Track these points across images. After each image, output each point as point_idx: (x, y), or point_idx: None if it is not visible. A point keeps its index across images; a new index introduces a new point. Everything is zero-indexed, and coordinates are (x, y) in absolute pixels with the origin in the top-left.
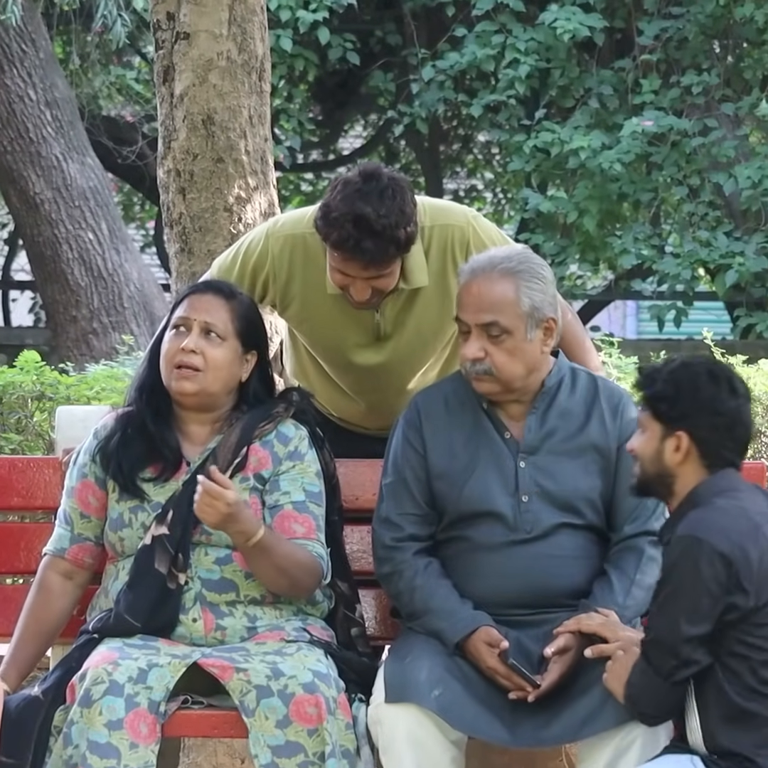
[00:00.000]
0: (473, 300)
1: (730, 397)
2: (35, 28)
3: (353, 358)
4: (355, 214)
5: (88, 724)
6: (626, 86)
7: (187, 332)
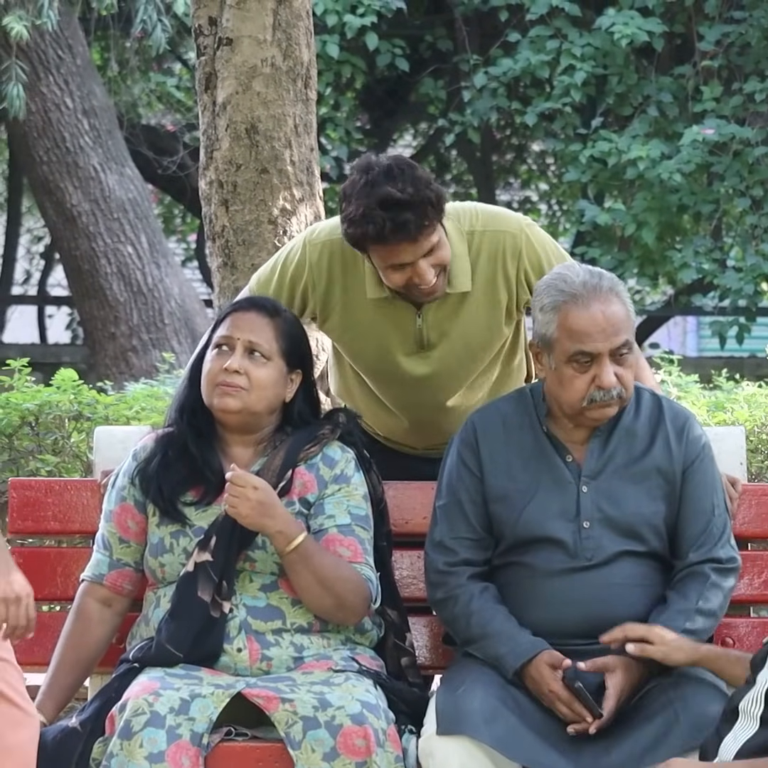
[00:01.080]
0: (602, 326)
1: None
2: (72, 34)
3: (397, 368)
4: (377, 199)
5: (129, 757)
6: (686, 93)
7: (230, 351)
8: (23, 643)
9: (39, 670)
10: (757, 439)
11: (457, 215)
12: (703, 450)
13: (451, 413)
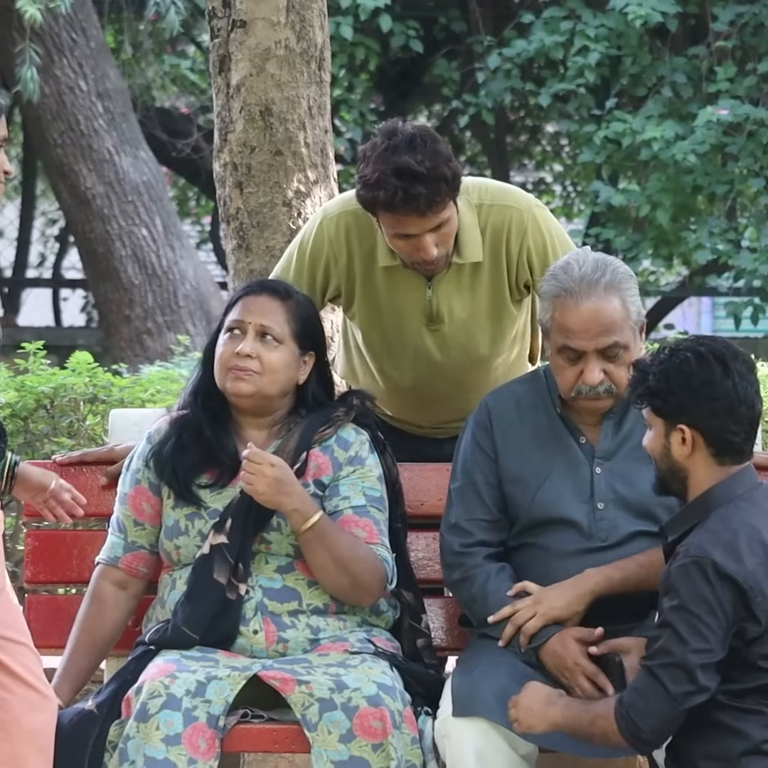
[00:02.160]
0: (586, 325)
1: (724, 377)
2: (86, 17)
3: (409, 340)
4: (394, 167)
5: (145, 739)
6: (700, 74)
7: (242, 335)
8: (39, 627)
9: (55, 653)
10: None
11: (466, 188)
12: None
13: (461, 390)
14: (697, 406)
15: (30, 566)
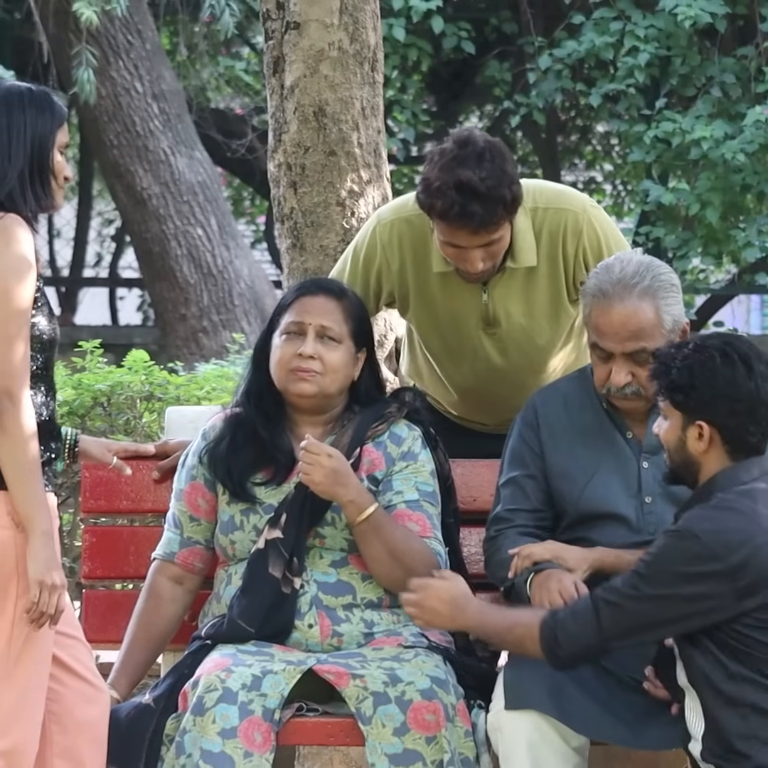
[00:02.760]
0: (615, 329)
1: (747, 379)
2: (141, 19)
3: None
4: (456, 180)
5: (201, 733)
6: (749, 74)
7: (301, 336)
8: (97, 622)
9: (112, 648)
10: None
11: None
12: None
13: (522, 390)
14: (718, 404)
15: (87, 562)
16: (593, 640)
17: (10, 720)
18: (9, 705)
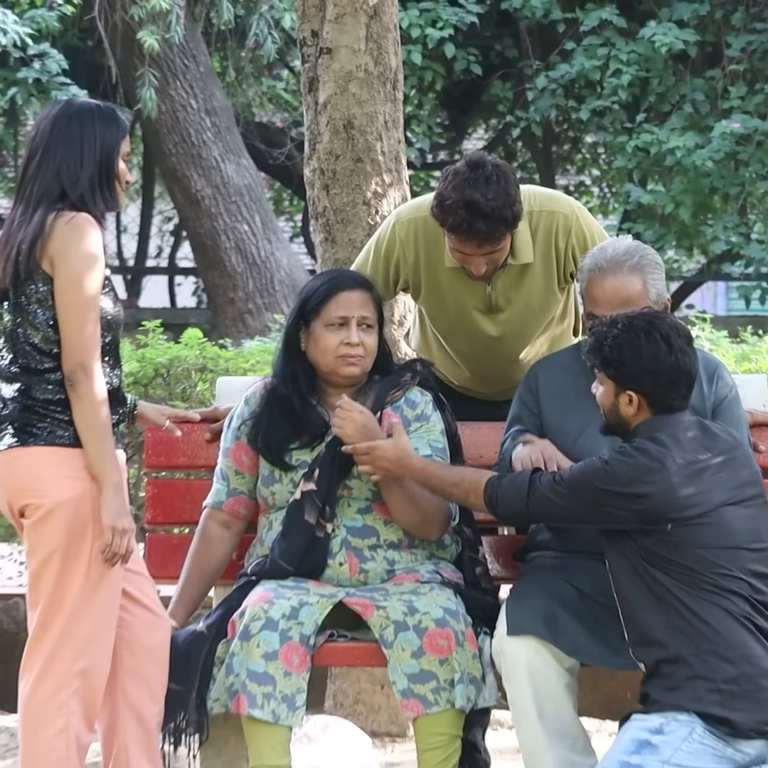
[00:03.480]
0: (608, 297)
1: (668, 354)
2: (196, 45)
3: (471, 327)
4: (466, 200)
5: (248, 656)
6: (716, 93)
7: (344, 327)
8: (158, 561)
9: (171, 583)
10: None
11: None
12: (730, 392)
13: (515, 365)
14: (644, 378)
15: (150, 510)
16: (523, 512)
17: (87, 644)
18: (86, 631)
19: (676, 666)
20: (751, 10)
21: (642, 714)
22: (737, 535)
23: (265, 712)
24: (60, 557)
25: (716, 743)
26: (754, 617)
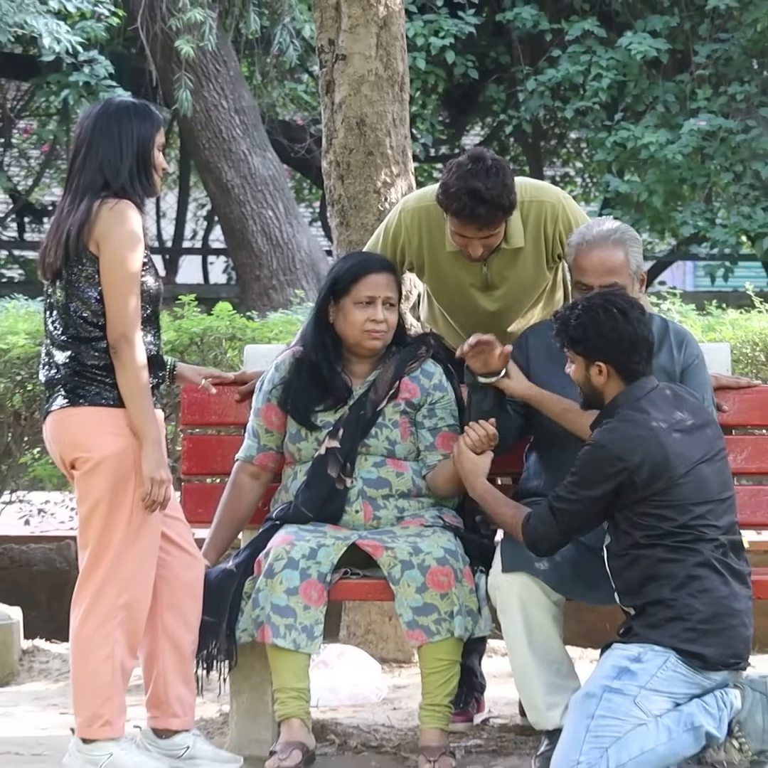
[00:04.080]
0: (595, 267)
1: (626, 324)
2: (226, 52)
3: (469, 303)
4: (469, 188)
5: (272, 591)
6: (685, 95)
7: (371, 305)
8: (193, 507)
9: (204, 527)
10: (738, 352)
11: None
12: (697, 357)
13: (509, 335)
14: (607, 348)
15: (186, 462)
16: (559, 536)
17: (130, 582)
18: (129, 571)
19: (658, 608)
20: (716, 21)
21: (622, 644)
22: (710, 489)
23: (287, 641)
24: (106, 505)
25: (687, 671)
26: (725, 561)
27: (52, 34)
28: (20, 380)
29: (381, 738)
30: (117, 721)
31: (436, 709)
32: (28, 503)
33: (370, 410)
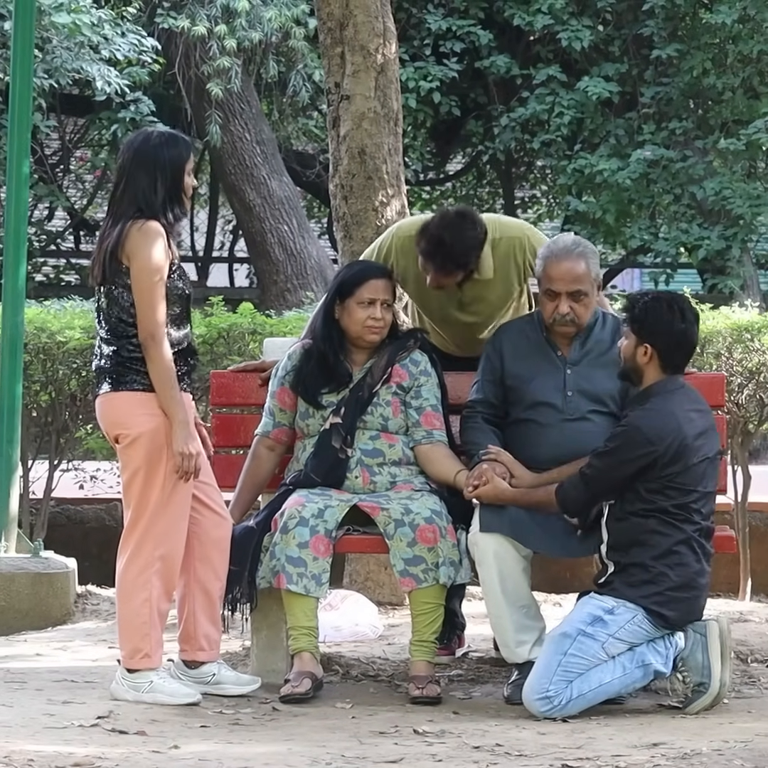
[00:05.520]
0: (563, 276)
1: (681, 322)
2: (249, 93)
3: (448, 317)
4: (438, 237)
5: (286, 545)
6: (633, 129)
7: (372, 305)
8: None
9: (230, 490)
10: None
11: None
12: None
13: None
14: (660, 336)
15: (215, 436)
16: (588, 499)
17: (165, 536)
18: (163, 527)
19: (638, 570)
20: (659, 68)
21: (599, 594)
22: (705, 481)
23: (299, 586)
24: (143, 473)
25: (650, 628)
26: (701, 542)
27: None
28: (76, 368)
29: (378, 668)
30: (155, 654)
31: (424, 645)
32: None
33: (367, 392)
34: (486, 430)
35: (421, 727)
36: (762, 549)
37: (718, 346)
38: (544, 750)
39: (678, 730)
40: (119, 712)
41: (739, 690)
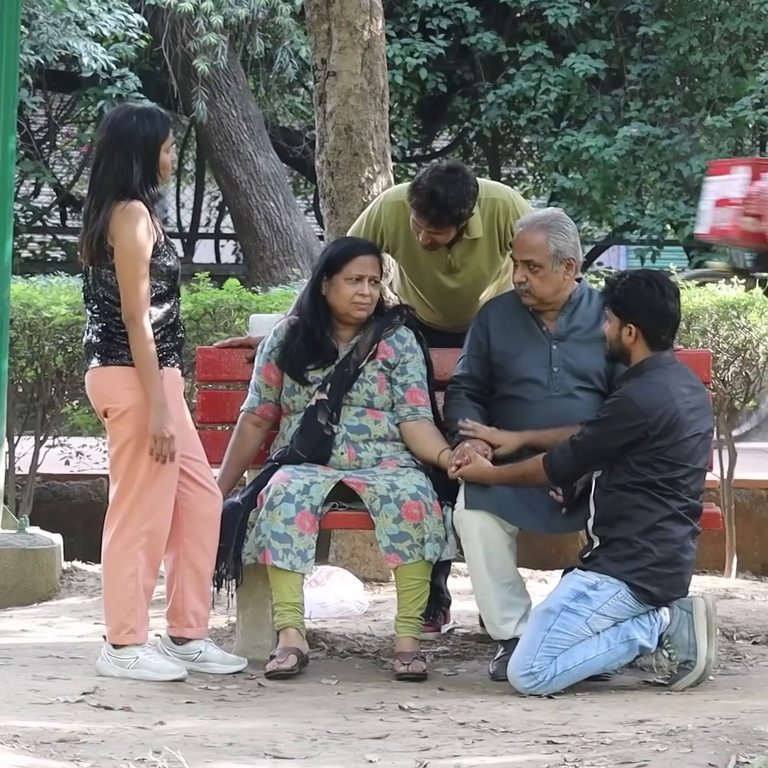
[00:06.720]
0: (519, 244)
1: (661, 298)
2: (236, 70)
3: (436, 282)
4: (431, 190)
5: (271, 521)
6: (619, 106)
7: (359, 282)
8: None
9: (216, 466)
10: None
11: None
12: None
13: (469, 308)
14: (641, 314)
15: (200, 412)
16: (576, 467)
17: (150, 512)
18: (150, 501)
19: (623, 545)
20: (645, 45)
21: (583, 570)
22: (696, 458)
23: (284, 562)
24: (131, 447)
25: (634, 604)
26: (687, 519)
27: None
28: (62, 343)
29: (363, 645)
30: (140, 630)
31: (410, 621)
32: (68, 447)
33: (352, 368)
34: (468, 406)
35: (407, 703)
36: (748, 526)
37: (704, 323)
38: (529, 726)
39: (663, 707)
40: (104, 688)
41: (724, 667)
